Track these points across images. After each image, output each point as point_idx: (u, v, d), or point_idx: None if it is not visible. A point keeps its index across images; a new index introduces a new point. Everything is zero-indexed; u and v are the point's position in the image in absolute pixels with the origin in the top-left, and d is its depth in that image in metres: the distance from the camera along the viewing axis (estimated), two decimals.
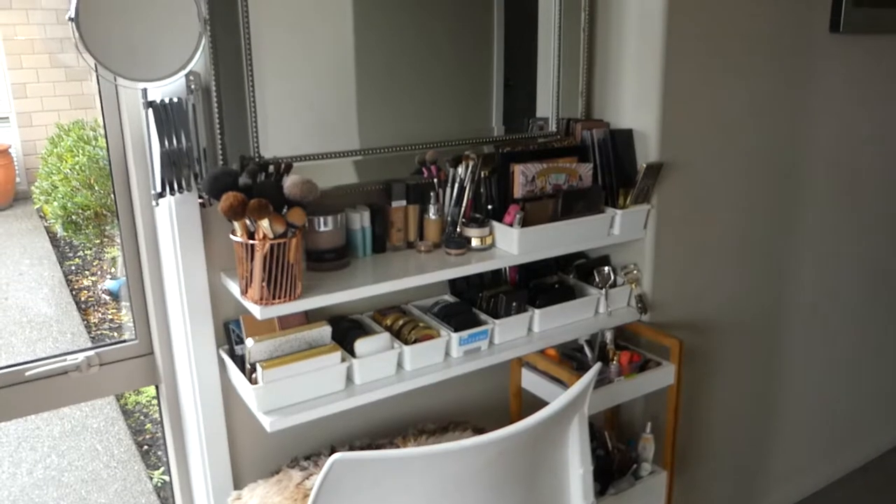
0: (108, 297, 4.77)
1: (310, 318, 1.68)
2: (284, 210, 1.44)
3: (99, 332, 4.39)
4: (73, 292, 4.80)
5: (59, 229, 4.44)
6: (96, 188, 4.21)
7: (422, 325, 1.72)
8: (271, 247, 1.41)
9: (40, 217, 5.69)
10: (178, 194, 1.50)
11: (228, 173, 1.44)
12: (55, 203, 4.24)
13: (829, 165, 2.38)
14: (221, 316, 1.65)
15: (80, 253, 5.34)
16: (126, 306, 1.79)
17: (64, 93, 6.48)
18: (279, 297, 1.46)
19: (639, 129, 1.93)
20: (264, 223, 1.39)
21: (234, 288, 1.55)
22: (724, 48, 1.98)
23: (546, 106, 2.01)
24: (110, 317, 4.60)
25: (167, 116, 1.45)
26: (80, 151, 4.27)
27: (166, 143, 1.46)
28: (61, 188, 4.19)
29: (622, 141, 1.92)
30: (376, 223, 1.71)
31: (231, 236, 1.45)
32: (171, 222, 1.55)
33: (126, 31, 1.36)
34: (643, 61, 1.88)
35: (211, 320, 1.62)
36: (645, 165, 1.86)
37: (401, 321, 1.72)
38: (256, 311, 1.45)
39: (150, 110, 1.43)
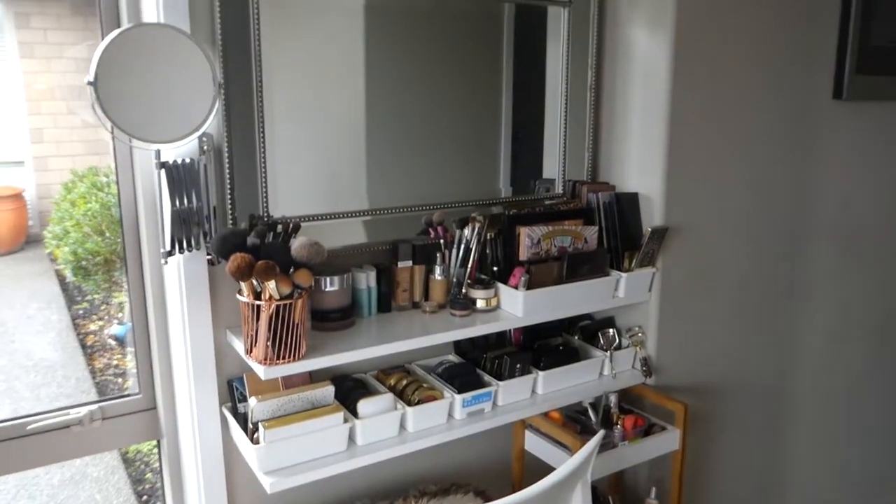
0: (113, 343, 4.77)
1: (314, 376, 1.68)
2: (291, 271, 1.45)
3: (104, 378, 4.38)
4: (80, 337, 4.81)
5: (68, 274, 4.47)
6: (107, 234, 4.25)
7: (425, 385, 1.72)
8: (277, 308, 1.42)
9: (51, 260, 5.73)
10: (187, 252, 1.51)
11: (237, 234, 1.45)
12: (66, 248, 4.28)
13: (833, 229, 2.38)
14: (225, 373, 1.65)
15: (89, 297, 5.37)
16: (131, 351, 1.80)
17: (80, 138, 6.59)
18: (284, 358, 1.46)
19: (644, 193, 1.95)
20: (271, 284, 1.40)
21: (238, 346, 1.56)
22: (728, 115, 2.01)
23: (553, 168, 2.04)
24: (115, 362, 4.60)
25: (179, 177, 1.48)
26: (93, 198, 4.32)
27: (177, 202, 1.48)
28: (73, 234, 4.23)
29: (627, 204, 1.94)
30: (382, 283, 1.73)
31: (238, 296, 1.46)
32: (179, 279, 1.57)
33: (143, 94, 1.39)
34: (648, 128, 1.91)
35: (215, 377, 1.63)
36: (650, 229, 1.87)
37: (404, 381, 1.72)
38: (261, 371, 1.45)
39: (163, 171, 1.46)
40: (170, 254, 1.50)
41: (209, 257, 1.57)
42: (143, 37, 1.40)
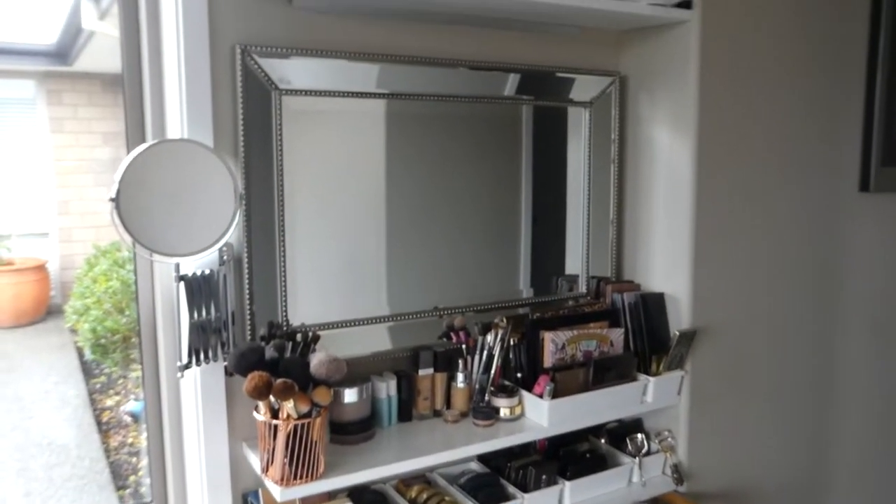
0: (129, 419, 4.72)
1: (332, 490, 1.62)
2: (310, 388, 1.42)
3: (118, 457, 4.32)
4: (96, 412, 4.77)
5: (87, 352, 4.47)
6: (127, 312, 4.26)
7: (448, 498, 1.65)
8: (295, 427, 1.38)
9: (71, 331, 5.73)
10: (204, 365, 1.48)
11: (254, 350, 1.42)
12: (86, 326, 4.29)
13: (864, 322, 2.31)
14: (240, 486, 1.60)
15: (107, 370, 5.34)
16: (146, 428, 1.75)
17: (105, 210, 6.68)
18: (301, 477, 1.41)
19: (670, 293, 1.91)
20: (289, 404, 1.36)
21: (254, 461, 1.51)
22: (754, 212, 1.97)
23: (576, 264, 2.00)
24: (130, 440, 4.54)
25: (198, 289, 1.46)
26: (115, 275, 4.35)
27: (196, 314, 1.46)
28: (93, 311, 4.24)
29: (654, 305, 1.90)
30: (402, 390, 1.68)
31: (254, 414, 1.42)
32: (195, 391, 1.53)
33: (164, 208, 1.39)
34: (673, 226, 1.88)
35: (230, 491, 1.57)
36: (678, 333, 1.82)
37: (425, 494, 1.66)
38: (277, 492, 1.40)
39: (182, 284, 1.44)
40: (187, 367, 1.47)
41: (226, 364, 1.54)
42: (165, 152, 1.40)
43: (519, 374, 1.76)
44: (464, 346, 1.73)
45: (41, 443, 4.36)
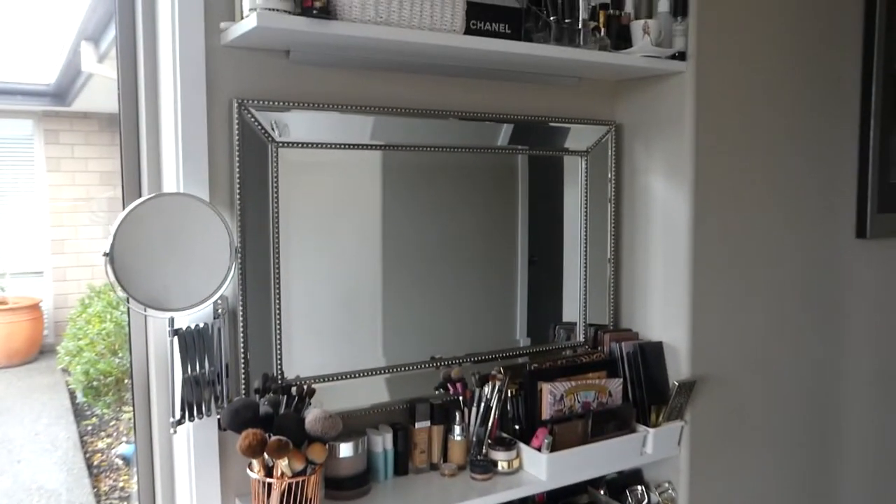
0: (120, 463, 4.65)
1: None
2: (305, 445, 1.39)
3: (108, 502, 4.24)
4: (87, 455, 4.69)
5: (79, 395, 4.41)
6: (120, 354, 4.22)
7: None
8: (289, 485, 1.35)
9: (63, 370, 5.67)
10: (197, 420, 1.46)
11: (248, 406, 1.40)
12: (78, 368, 4.24)
13: (865, 369, 2.30)
14: None
15: (98, 411, 5.27)
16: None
17: (100, 249, 6.67)
18: None
19: (669, 342, 1.89)
20: (283, 462, 1.34)
21: None
22: (752, 260, 1.97)
23: (573, 311, 1.99)
24: (121, 484, 4.46)
25: (192, 343, 1.44)
26: (108, 317, 4.32)
27: (189, 369, 1.44)
28: (86, 353, 4.20)
29: (652, 354, 1.88)
30: (398, 443, 1.65)
31: (248, 471, 1.40)
32: (188, 446, 1.50)
33: (159, 263, 1.38)
34: (670, 275, 1.87)
35: None
36: (677, 384, 1.80)
37: None
38: None
39: (176, 338, 1.43)
40: (179, 422, 1.44)
41: (219, 418, 1.52)
42: (161, 206, 1.39)
43: (517, 427, 1.73)
44: (461, 398, 1.71)
45: (30, 487, 4.28)
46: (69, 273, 6.68)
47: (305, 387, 1.51)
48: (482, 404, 1.71)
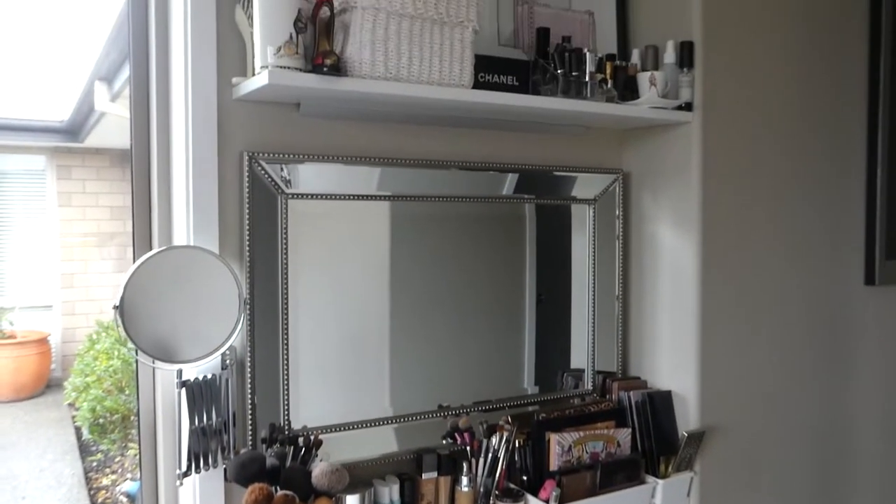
0: (125, 500, 4.62)
1: None
2: (311, 498, 1.38)
3: None
4: (91, 492, 4.66)
5: (85, 432, 4.40)
6: (127, 391, 4.21)
7: None
8: None
9: (70, 405, 5.67)
10: (203, 471, 1.45)
11: (255, 459, 1.40)
12: (84, 405, 4.23)
13: (874, 417, 2.27)
14: None
15: (104, 447, 5.25)
16: None
17: (109, 283, 6.71)
18: None
19: (678, 391, 1.88)
20: None
21: None
22: (760, 308, 1.97)
23: (581, 358, 1.98)
24: None
25: (200, 394, 1.44)
26: (116, 353, 4.32)
27: (196, 420, 1.44)
28: (93, 390, 4.20)
29: (661, 403, 1.87)
30: (405, 494, 1.64)
31: None
32: (194, 496, 1.50)
33: (168, 315, 1.39)
34: (678, 323, 1.87)
35: None
36: (686, 434, 1.79)
37: None
38: None
39: (183, 390, 1.43)
40: (186, 474, 1.44)
41: (225, 468, 1.51)
42: (171, 259, 1.40)
43: (525, 477, 1.72)
44: (468, 448, 1.70)
45: None
46: (78, 307, 6.70)
47: (312, 438, 1.51)
48: (490, 455, 1.69)
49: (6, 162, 6.52)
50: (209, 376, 1.46)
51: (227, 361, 1.49)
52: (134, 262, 1.45)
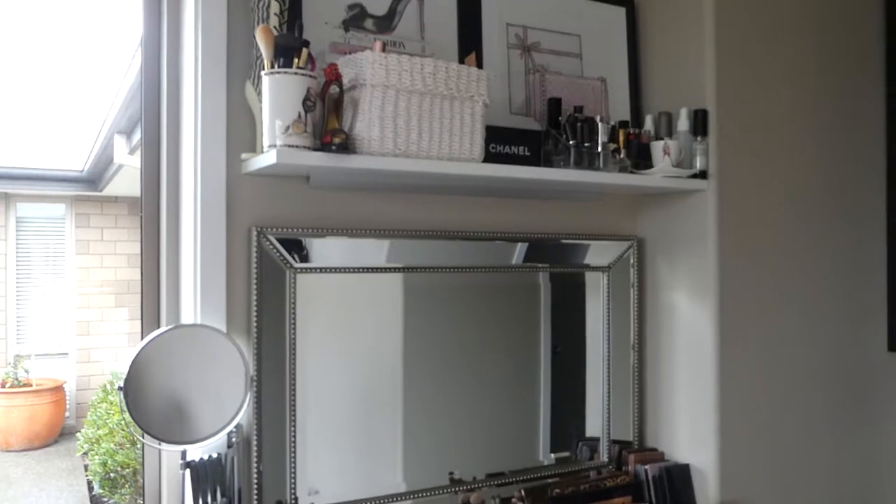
0: None
1: None
2: None
3: None
4: None
5: (95, 486, 4.36)
6: (139, 445, 4.18)
7: None
8: None
9: (83, 455, 5.62)
10: None
11: None
12: (96, 458, 4.20)
13: None
14: None
15: (115, 501, 5.19)
16: None
17: (124, 331, 6.73)
18: None
19: (696, 465, 1.82)
20: None
21: None
22: (781, 378, 1.91)
23: (596, 426, 1.93)
24: None
25: (205, 475, 1.41)
26: None
27: (201, 501, 1.41)
28: (105, 444, 4.17)
29: (679, 478, 1.81)
30: None
31: None
32: None
33: (173, 395, 1.36)
34: (696, 394, 1.82)
35: None
36: None
37: None
38: None
39: (188, 471, 1.40)
40: None
41: None
42: (177, 338, 1.39)
43: None
44: None
45: None
46: (93, 354, 6.72)
47: None
48: None
49: (27, 209, 6.61)
50: (214, 455, 1.44)
51: (234, 439, 1.46)
52: (141, 339, 1.43)
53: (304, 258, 1.53)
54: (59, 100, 4.96)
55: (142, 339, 1.47)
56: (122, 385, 1.34)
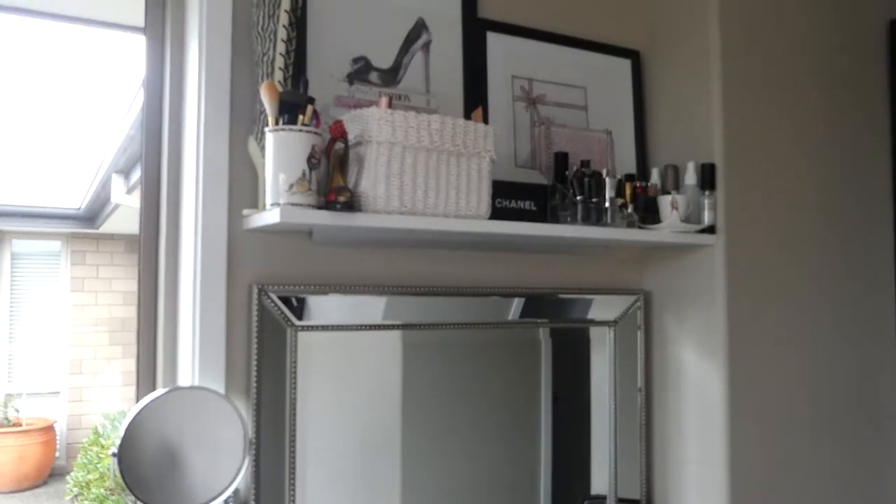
0: None
1: None
2: None
3: None
4: None
5: None
6: None
7: None
8: None
9: (72, 499, 5.49)
10: None
11: None
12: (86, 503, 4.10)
13: None
14: None
15: None
16: None
17: (118, 369, 6.64)
18: None
19: None
20: None
21: None
22: (795, 440, 1.86)
23: (602, 482, 1.88)
24: None
25: None
26: None
27: None
28: (95, 489, 4.08)
29: None
30: None
31: None
32: None
33: (169, 459, 1.31)
34: (706, 451, 1.77)
35: None
36: None
37: None
38: None
39: None
40: None
41: None
42: (174, 401, 1.34)
43: None
44: None
45: None
46: (85, 393, 6.61)
47: None
48: None
49: (22, 245, 6.56)
50: None
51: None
52: (136, 401, 1.39)
53: (306, 316, 1.49)
54: (58, 138, 4.96)
55: (137, 401, 1.43)
56: (115, 451, 1.29)
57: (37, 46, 3.87)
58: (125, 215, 5.25)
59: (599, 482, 1.88)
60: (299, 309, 1.49)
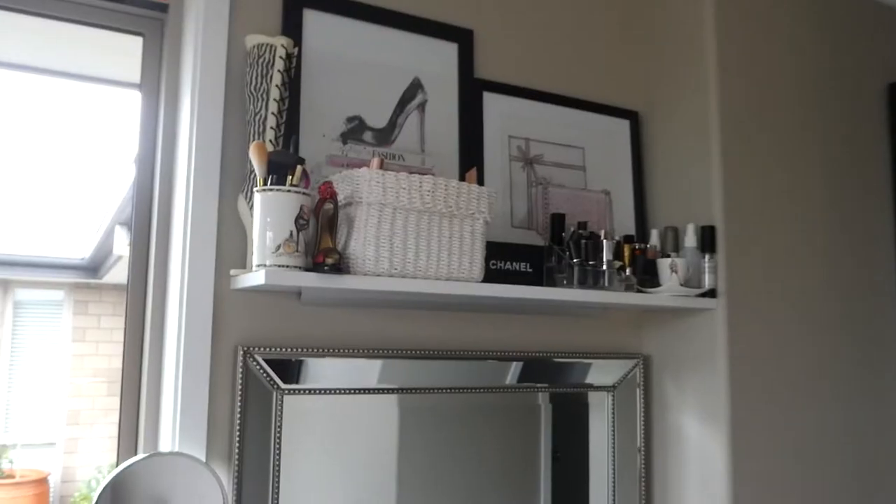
0: None
1: None
2: None
3: None
4: None
5: None
6: None
7: None
8: None
9: None
10: None
11: None
12: None
13: None
14: None
15: None
16: None
17: (115, 421, 6.53)
18: None
19: None
20: None
21: None
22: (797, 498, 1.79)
23: None
24: None
25: None
26: None
27: None
28: None
29: None
30: None
31: None
32: None
33: None
34: None
35: None
36: None
37: None
38: None
39: None
40: None
41: None
42: (153, 467, 1.29)
43: None
44: None
45: None
46: (81, 445, 6.50)
47: None
48: None
49: (25, 294, 6.55)
50: None
51: None
52: (116, 465, 1.34)
53: (293, 379, 1.45)
54: (64, 190, 4.99)
55: (117, 464, 1.38)
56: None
57: (46, 102, 3.93)
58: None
59: None
60: (286, 372, 1.44)
